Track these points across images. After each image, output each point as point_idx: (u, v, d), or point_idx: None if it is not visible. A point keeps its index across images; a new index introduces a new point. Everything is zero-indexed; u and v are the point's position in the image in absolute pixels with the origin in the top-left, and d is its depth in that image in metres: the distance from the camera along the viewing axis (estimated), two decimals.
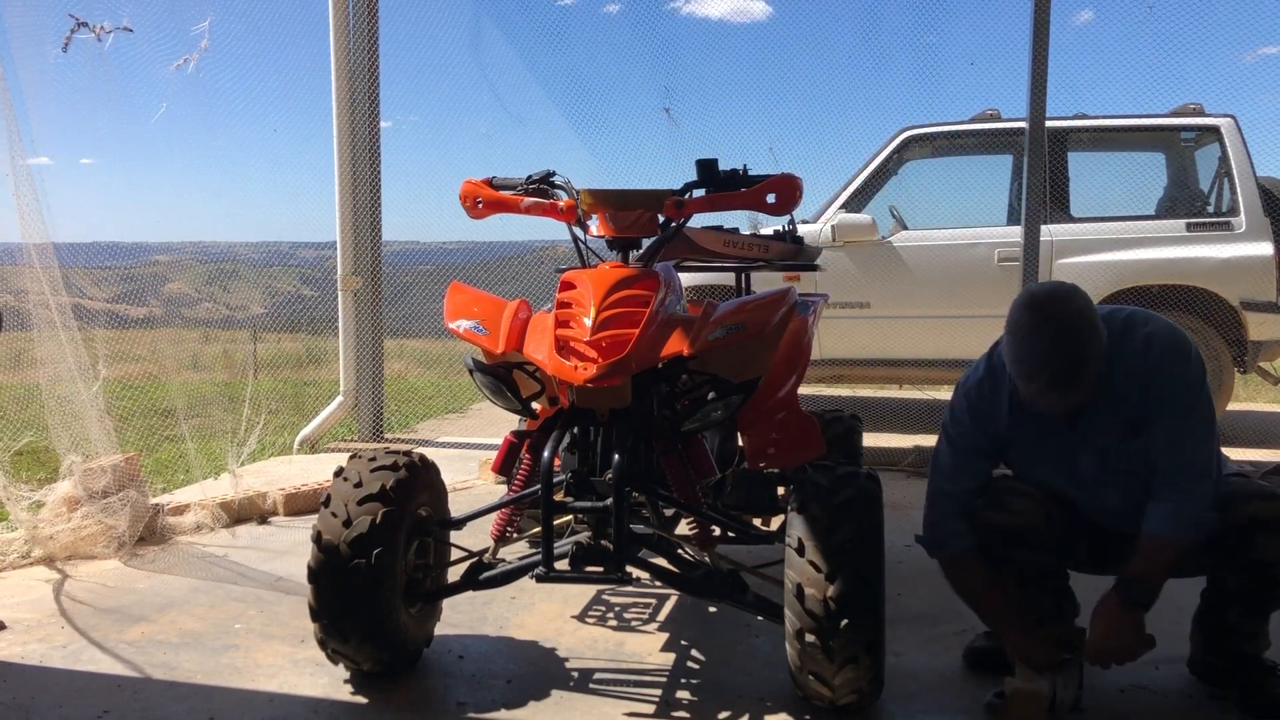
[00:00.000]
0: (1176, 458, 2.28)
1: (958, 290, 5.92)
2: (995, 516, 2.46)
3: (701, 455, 2.48)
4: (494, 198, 2.65)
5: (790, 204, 2.47)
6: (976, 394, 2.48)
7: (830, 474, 2.29)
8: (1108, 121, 6.55)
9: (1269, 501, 2.33)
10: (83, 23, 3.84)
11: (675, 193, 2.50)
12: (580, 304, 2.35)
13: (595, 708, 2.37)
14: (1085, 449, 2.39)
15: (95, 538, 3.58)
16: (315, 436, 5.75)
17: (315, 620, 2.34)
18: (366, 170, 5.89)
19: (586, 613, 3.01)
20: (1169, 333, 2.36)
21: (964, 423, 2.48)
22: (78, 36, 3.88)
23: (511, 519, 2.55)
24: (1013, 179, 6.66)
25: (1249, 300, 5.90)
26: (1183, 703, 2.42)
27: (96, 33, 3.89)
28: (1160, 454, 2.30)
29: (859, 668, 2.14)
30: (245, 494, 4.16)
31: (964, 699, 2.42)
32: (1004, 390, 2.43)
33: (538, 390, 2.65)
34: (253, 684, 2.50)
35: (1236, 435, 6.11)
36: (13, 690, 2.46)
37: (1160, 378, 2.30)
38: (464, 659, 2.65)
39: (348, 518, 2.30)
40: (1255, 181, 6.01)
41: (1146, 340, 2.33)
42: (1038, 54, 5.10)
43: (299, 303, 6.00)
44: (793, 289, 2.64)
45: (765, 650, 2.70)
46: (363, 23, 5.81)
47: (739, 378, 2.40)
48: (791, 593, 2.15)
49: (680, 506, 2.49)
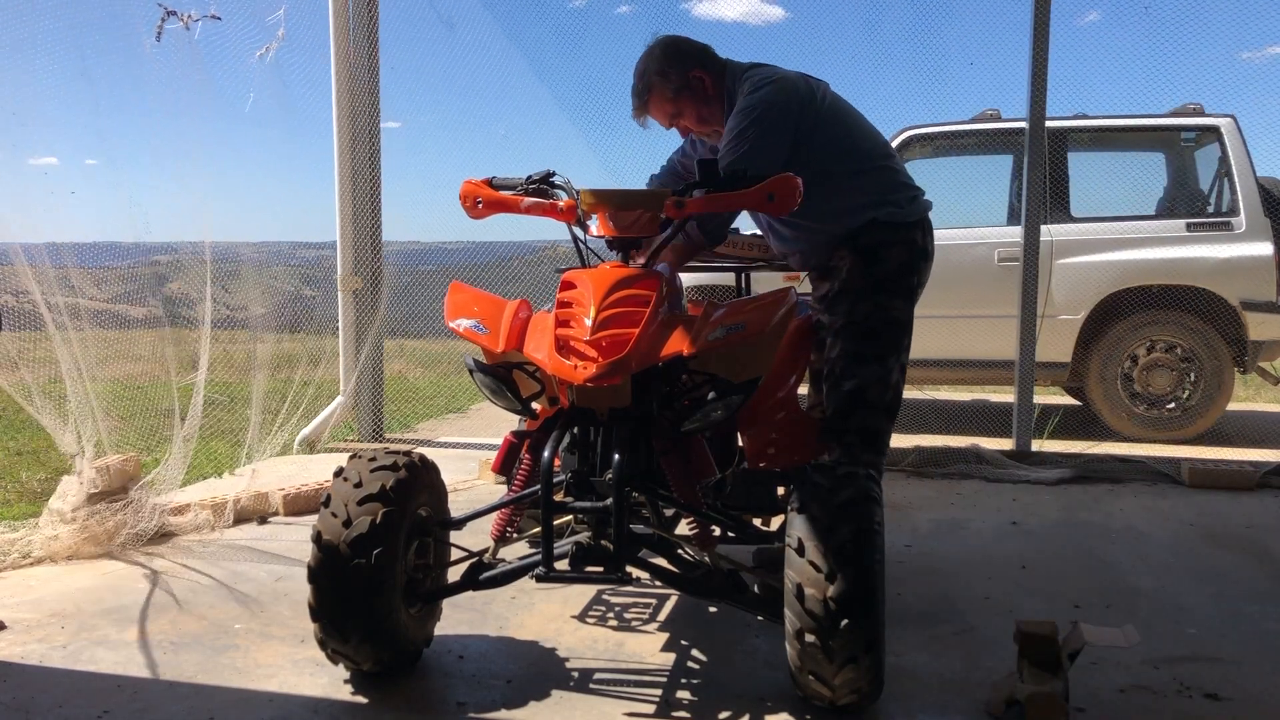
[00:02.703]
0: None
1: (957, 290, 5.92)
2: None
3: (701, 455, 2.48)
4: (494, 198, 2.65)
5: (790, 204, 2.47)
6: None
7: (830, 474, 2.28)
8: (1108, 121, 6.55)
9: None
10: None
11: (675, 193, 2.51)
12: (580, 304, 2.35)
13: (595, 707, 2.37)
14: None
15: (95, 538, 3.58)
16: (315, 436, 5.75)
17: (315, 620, 2.34)
18: (366, 170, 5.89)
19: (586, 613, 3.01)
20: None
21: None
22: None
23: (511, 519, 2.55)
24: (1013, 179, 6.67)
25: (1249, 300, 5.90)
26: (1183, 703, 2.42)
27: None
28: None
29: (859, 668, 2.14)
30: (246, 494, 4.16)
31: (964, 699, 2.42)
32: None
33: (538, 390, 2.65)
34: (253, 684, 2.50)
35: (1236, 435, 6.12)
36: (13, 690, 2.46)
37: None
38: (464, 659, 2.65)
39: (348, 518, 2.30)
40: (1255, 181, 6.02)
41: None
42: (1038, 54, 5.11)
43: (299, 303, 6.00)
44: (793, 289, 2.64)
45: (765, 650, 2.70)
46: (363, 22, 5.81)
47: (739, 378, 2.39)
48: (791, 593, 2.15)
49: (680, 506, 2.49)
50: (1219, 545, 3.85)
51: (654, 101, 3.08)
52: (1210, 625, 2.95)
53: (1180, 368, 6.05)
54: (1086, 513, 4.37)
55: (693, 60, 3.06)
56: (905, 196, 3.06)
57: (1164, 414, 6.09)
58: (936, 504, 4.52)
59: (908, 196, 3.07)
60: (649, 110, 3.12)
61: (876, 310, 2.99)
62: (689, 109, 3.07)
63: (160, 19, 3.87)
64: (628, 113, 3.17)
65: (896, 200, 3.04)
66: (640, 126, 3.18)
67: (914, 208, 3.07)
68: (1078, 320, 6.11)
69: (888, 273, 3.01)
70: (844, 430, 2.98)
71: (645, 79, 3.07)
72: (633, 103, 3.14)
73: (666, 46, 3.08)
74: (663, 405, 2.50)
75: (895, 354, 3.02)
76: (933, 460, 5.19)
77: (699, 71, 3.04)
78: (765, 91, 2.93)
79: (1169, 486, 4.87)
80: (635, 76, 3.11)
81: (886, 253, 3.01)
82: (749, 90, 2.96)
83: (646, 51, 3.09)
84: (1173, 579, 3.40)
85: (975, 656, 2.69)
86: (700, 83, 3.04)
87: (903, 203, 3.05)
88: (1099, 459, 5.23)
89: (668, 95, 3.05)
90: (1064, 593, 3.24)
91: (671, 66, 3.04)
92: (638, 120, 3.17)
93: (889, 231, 3.01)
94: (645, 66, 3.07)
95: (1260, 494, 4.73)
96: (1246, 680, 2.55)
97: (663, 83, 3.04)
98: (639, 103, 3.11)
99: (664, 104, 3.07)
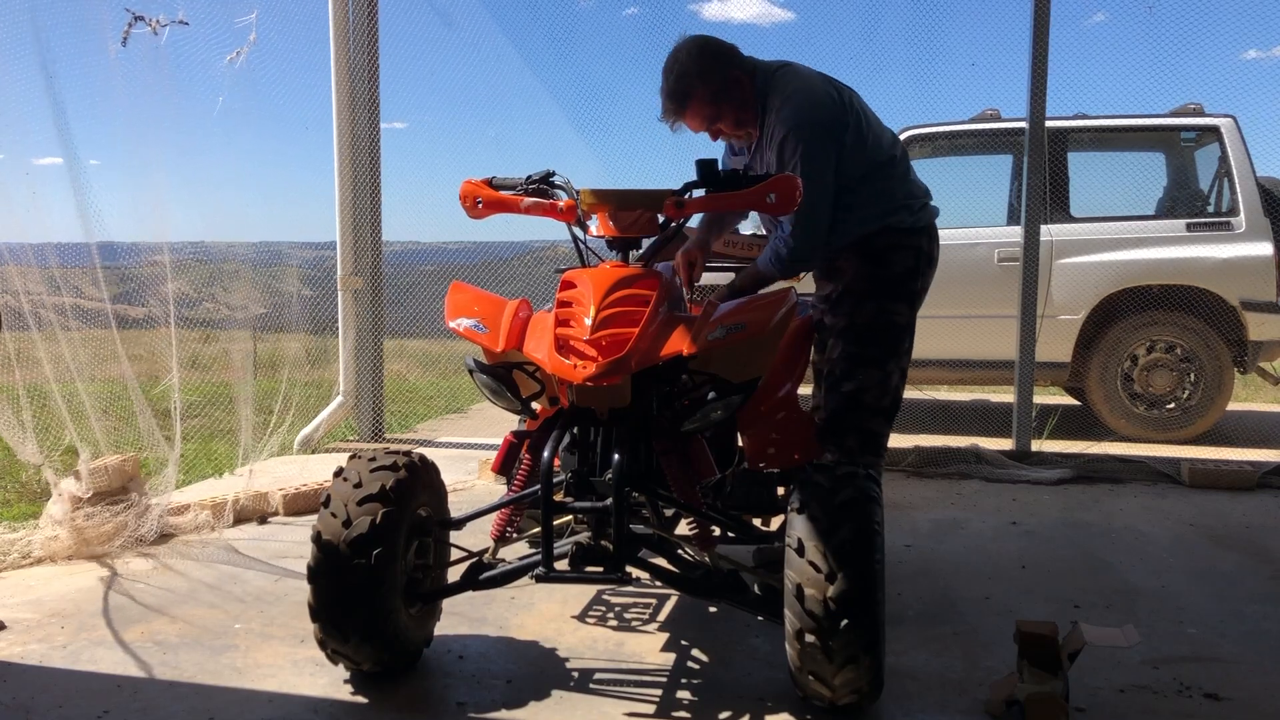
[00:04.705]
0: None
1: (957, 290, 5.92)
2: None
3: (701, 455, 2.48)
4: (494, 198, 2.65)
5: (790, 204, 2.47)
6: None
7: (830, 474, 2.28)
8: (1108, 121, 6.55)
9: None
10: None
11: (675, 193, 2.50)
12: (580, 303, 2.35)
13: (595, 707, 2.37)
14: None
15: (95, 538, 3.58)
16: (315, 436, 5.75)
17: (315, 620, 2.34)
18: (366, 170, 5.89)
19: (586, 613, 3.01)
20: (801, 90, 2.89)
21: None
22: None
23: (511, 519, 2.55)
24: (1013, 179, 6.67)
25: (1249, 300, 5.90)
26: (1183, 703, 2.42)
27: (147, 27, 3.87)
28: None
29: (859, 668, 2.14)
30: (245, 494, 4.16)
31: (964, 699, 2.42)
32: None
33: (538, 390, 2.65)
34: (253, 684, 2.50)
35: (1236, 435, 6.12)
36: (13, 690, 2.46)
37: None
38: (464, 659, 2.65)
39: (347, 518, 2.30)
40: (1255, 181, 6.02)
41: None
42: (1038, 54, 5.11)
43: (299, 303, 5.99)
44: (793, 290, 2.64)
45: (765, 650, 2.70)
46: (362, 22, 5.81)
47: (739, 378, 2.40)
48: (791, 593, 2.15)
49: (680, 506, 2.49)
50: (1219, 545, 3.85)
51: (693, 105, 2.88)
52: (1210, 625, 2.95)
53: (1180, 368, 6.05)
54: (1086, 513, 4.37)
55: (732, 61, 2.90)
56: (916, 204, 3.05)
57: (1164, 414, 6.09)
58: (936, 504, 4.53)
59: (919, 204, 3.06)
60: (685, 114, 2.91)
61: (879, 314, 2.99)
62: (728, 112, 2.92)
63: (164, 21, 3.86)
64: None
65: (909, 207, 3.03)
66: (670, 130, 2.97)
67: (923, 214, 3.06)
68: (1078, 320, 6.11)
69: (892, 277, 3.01)
70: (842, 432, 2.98)
71: (685, 81, 2.85)
72: (666, 106, 2.91)
73: (704, 47, 2.88)
74: (663, 405, 2.50)
75: (895, 358, 3.02)
76: (933, 460, 5.19)
77: (737, 72, 2.90)
78: (804, 115, 2.84)
79: (1169, 486, 4.87)
80: (671, 78, 2.87)
81: (892, 257, 3.01)
82: (780, 104, 2.86)
83: (682, 52, 2.87)
84: (1173, 579, 3.40)
85: (975, 656, 2.69)
86: (739, 84, 2.90)
87: (913, 209, 3.04)
88: (1099, 459, 5.23)
89: (708, 99, 2.87)
90: (1064, 593, 3.24)
91: (712, 68, 2.85)
92: (668, 123, 2.96)
93: (896, 236, 3.01)
94: (685, 68, 2.85)
95: (1260, 494, 4.73)
96: (1246, 680, 2.55)
97: (704, 86, 2.85)
98: (676, 106, 2.89)
99: (704, 107, 2.89)
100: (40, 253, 3.79)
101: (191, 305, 4.46)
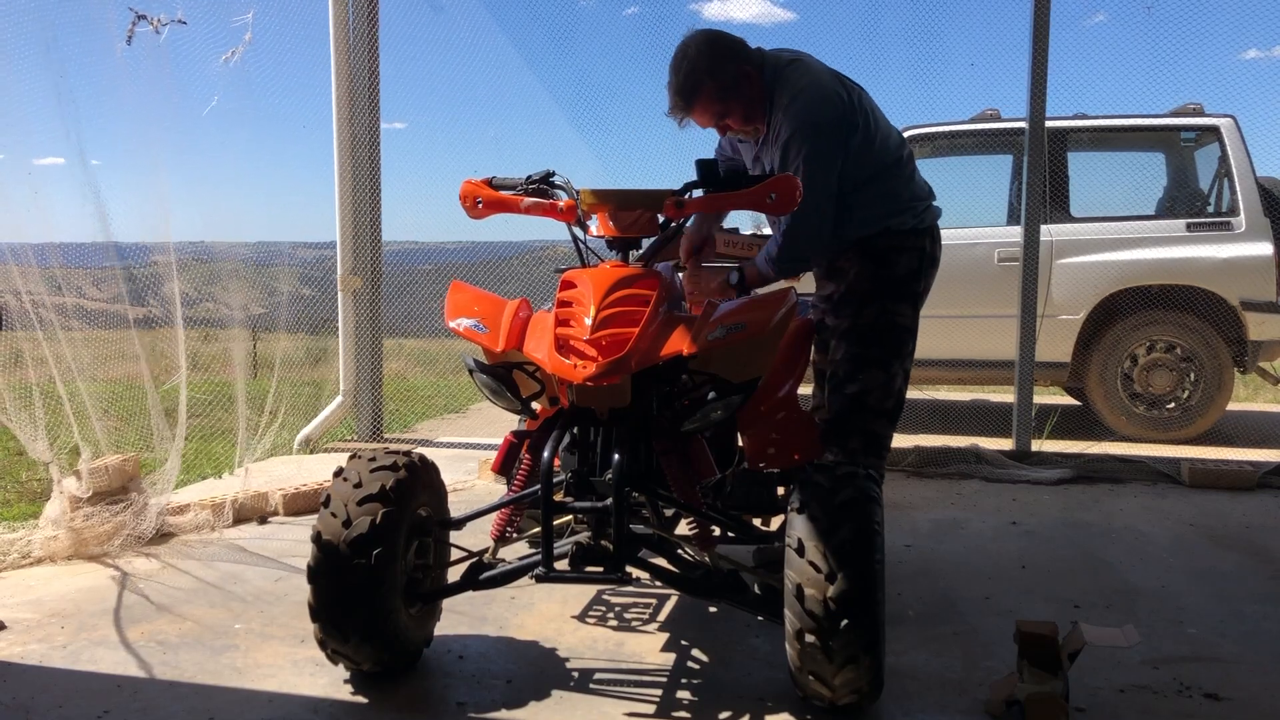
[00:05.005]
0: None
1: (957, 290, 5.91)
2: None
3: (701, 455, 2.48)
4: (494, 198, 2.65)
5: (790, 204, 2.47)
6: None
7: (830, 474, 2.28)
8: (1108, 121, 6.55)
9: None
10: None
11: (675, 193, 2.50)
12: (580, 303, 2.35)
13: (595, 707, 2.37)
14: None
15: (93, 538, 3.58)
16: (315, 436, 5.75)
17: (315, 620, 2.34)
18: (366, 170, 5.89)
19: (586, 613, 3.01)
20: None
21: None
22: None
23: (511, 519, 2.55)
24: (1013, 179, 6.66)
25: (1249, 300, 5.91)
26: (1183, 703, 2.42)
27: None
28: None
29: (859, 668, 2.14)
30: (245, 494, 4.16)
31: (964, 699, 2.42)
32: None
33: (538, 390, 2.65)
34: (252, 684, 2.50)
35: (1236, 435, 6.12)
36: (13, 690, 2.46)
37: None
38: (464, 659, 2.65)
39: (347, 518, 2.30)
40: (1255, 181, 6.02)
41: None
42: (1038, 54, 5.11)
43: (299, 303, 6.00)
44: (793, 289, 2.64)
45: (765, 650, 2.70)
46: (362, 22, 5.81)
47: (739, 378, 2.39)
48: (791, 593, 2.15)
49: (680, 506, 2.49)
50: (1219, 545, 3.85)
51: (702, 101, 2.87)
52: (1210, 625, 2.95)
53: (1180, 368, 6.05)
54: (1086, 513, 4.37)
55: (740, 56, 2.88)
56: (920, 205, 3.04)
57: (1164, 414, 6.09)
58: (936, 504, 4.53)
59: (922, 205, 3.05)
60: (693, 110, 2.90)
61: (882, 315, 2.98)
62: (737, 108, 2.90)
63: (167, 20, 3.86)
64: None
65: (912, 209, 3.02)
66: (677, 125, 2.97)
67: (926, 215, 3.05)
68: (1078, 320, 6.11)
69: (896, 278, 3.00)
70: (846, 434, 2.97)
71: (694, 77, 2.83)
72: (674, 101, 2.89)
73: (714, 42, 2.86)
74: (663, 405, 2.50)
75: (899, 359, 3.01)
76: (933, 460, 5.19)
77: (746, 67, 2.87)
78: (810, 114, 2.84)
79: (1169, 486, 4.87)
80: (679, 74, 2.86)
81: (895, 258, 3.00)
82: (788, 102, 2.85)
83: (691, 47, 2.85)
84: (1173, 579, 3.41)
85: (975, 656, 2.69)
86: (748, 80, 2.87)
87: (917, 211, 3.03)
88: (1099, 459, 5.23)
89: (716, 95, 2.85)
90: (1064, 593, 3.24)
91: (721, 64, 2.83)
92: (675, 119, 2.95)
93: (899, 238, 3.00)
94: (694, 64, 2.83)
95: (1260, 494, 4.73)
96: (1246, 680, 2.55)
97: (714, 81, 2.83)
98: (684, 102, 2.87)
99: (712, 103, 2.87)
100: (41, 252, 3.79)
101: (191, 305, 4.46)
